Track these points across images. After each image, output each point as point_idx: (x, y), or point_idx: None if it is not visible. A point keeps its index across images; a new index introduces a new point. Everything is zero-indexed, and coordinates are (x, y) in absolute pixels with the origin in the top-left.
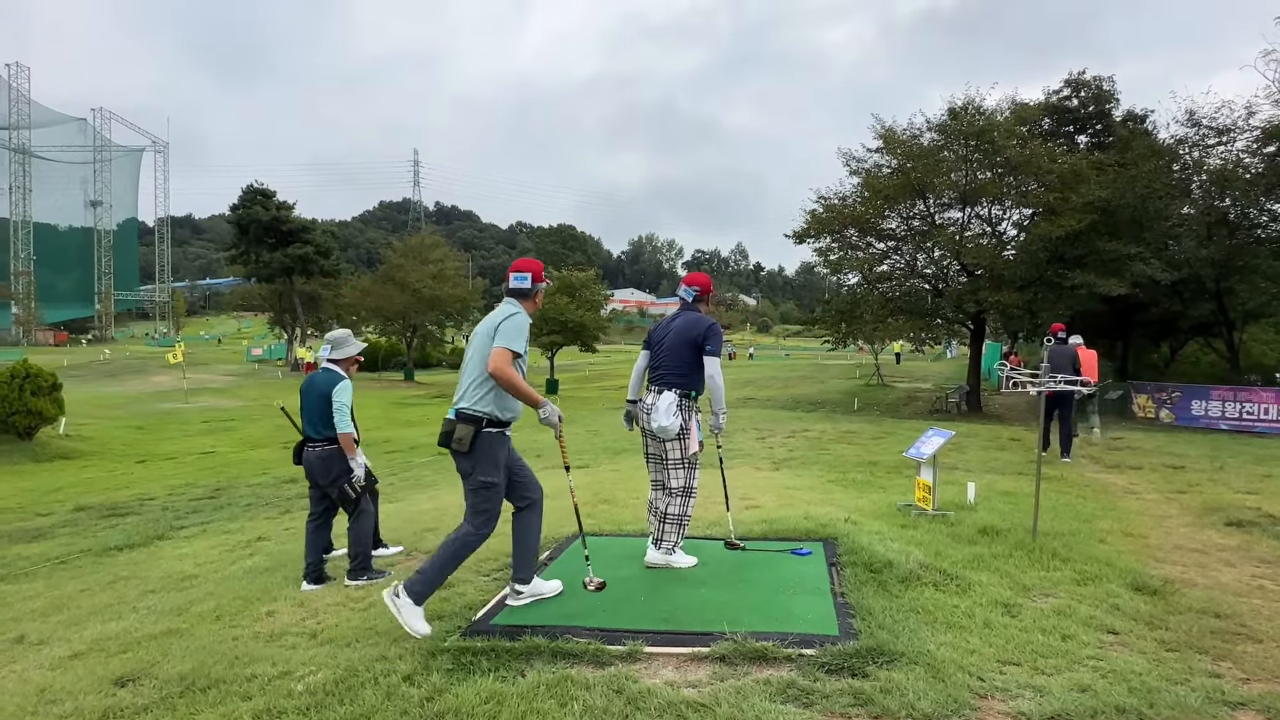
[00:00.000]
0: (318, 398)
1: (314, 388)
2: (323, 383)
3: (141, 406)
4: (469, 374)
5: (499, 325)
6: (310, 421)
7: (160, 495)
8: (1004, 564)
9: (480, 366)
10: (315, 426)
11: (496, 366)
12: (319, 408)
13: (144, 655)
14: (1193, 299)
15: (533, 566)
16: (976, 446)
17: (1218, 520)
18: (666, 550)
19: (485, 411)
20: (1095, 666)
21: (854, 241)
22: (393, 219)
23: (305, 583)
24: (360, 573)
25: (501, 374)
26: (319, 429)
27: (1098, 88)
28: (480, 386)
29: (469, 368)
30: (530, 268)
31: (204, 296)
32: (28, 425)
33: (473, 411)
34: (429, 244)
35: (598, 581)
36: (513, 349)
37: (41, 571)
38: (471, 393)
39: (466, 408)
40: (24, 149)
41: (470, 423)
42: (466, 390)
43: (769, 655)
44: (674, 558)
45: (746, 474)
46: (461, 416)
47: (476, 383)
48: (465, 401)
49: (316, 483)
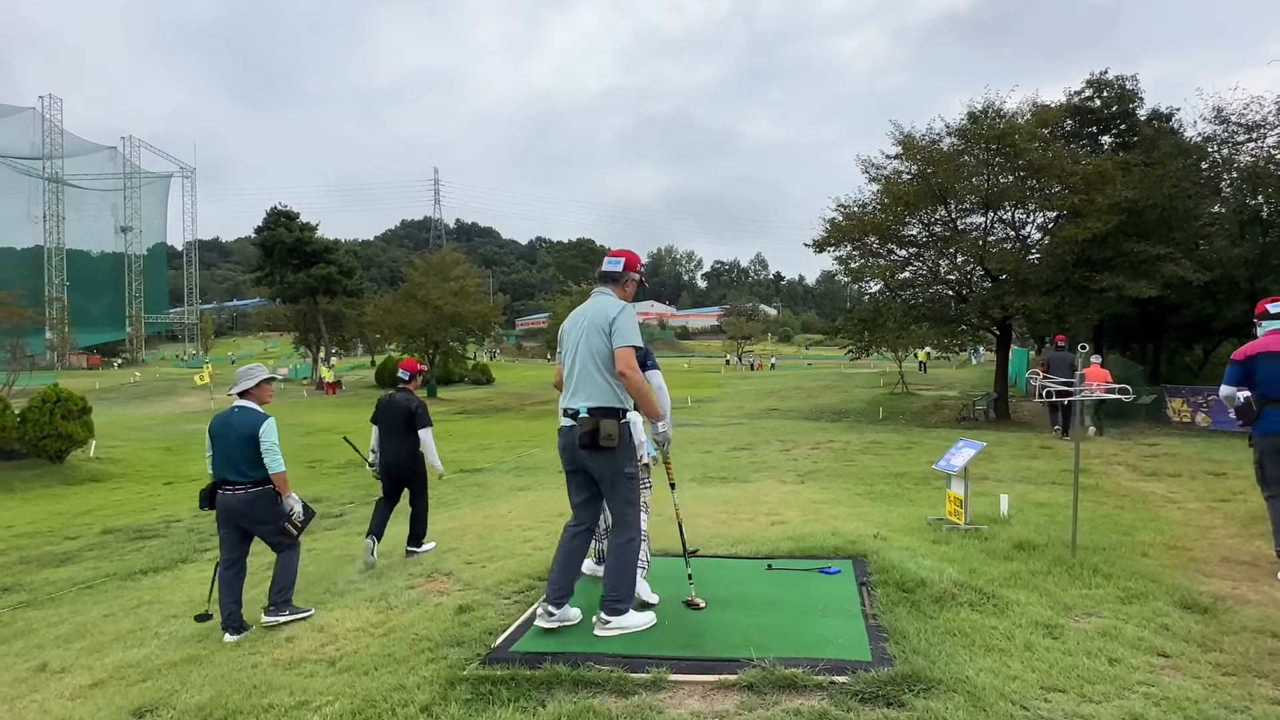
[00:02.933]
0: (238, 440)
1: (230, 428)
2: (242, 422)
3: (170, 428)
4: (581, 368)
5: (613, 321)
6: (229, 463)
7: (186, 517)
8: (1043, 581)
9: (590, 360)
10: (237, 468)
11: (629, 367)
12: (240, 449)
13: (163, 684)
14: (1226, 300)
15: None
16: (1007, 456)
17: (1265, 530)
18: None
19: (619, 404)
20: (1147, 693)
21: (875, 249)
22: (414, 237)
23: (226, 634)
24: (282, 607)
25: (633, 377)
26: (242, 471)
27: (1120, 87)
28: (596, 380)
29: (579, 361)
30: (624, 254)
31: (231, 318)
32: (59, 449)
33: (606, 405)
34: (450, 261)
35: (699, 602)
36: (637, 345)
37: (67, 596)
38: (592, 385)
39: (599, 404)
40: (57, 178)
41: (613, 415)
42: (583, 383)
43: (799, 683)
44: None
45: (772, 488)
46: (600, 412)
47: (594, 375)
48: (592, 399)
49: (238, 526)
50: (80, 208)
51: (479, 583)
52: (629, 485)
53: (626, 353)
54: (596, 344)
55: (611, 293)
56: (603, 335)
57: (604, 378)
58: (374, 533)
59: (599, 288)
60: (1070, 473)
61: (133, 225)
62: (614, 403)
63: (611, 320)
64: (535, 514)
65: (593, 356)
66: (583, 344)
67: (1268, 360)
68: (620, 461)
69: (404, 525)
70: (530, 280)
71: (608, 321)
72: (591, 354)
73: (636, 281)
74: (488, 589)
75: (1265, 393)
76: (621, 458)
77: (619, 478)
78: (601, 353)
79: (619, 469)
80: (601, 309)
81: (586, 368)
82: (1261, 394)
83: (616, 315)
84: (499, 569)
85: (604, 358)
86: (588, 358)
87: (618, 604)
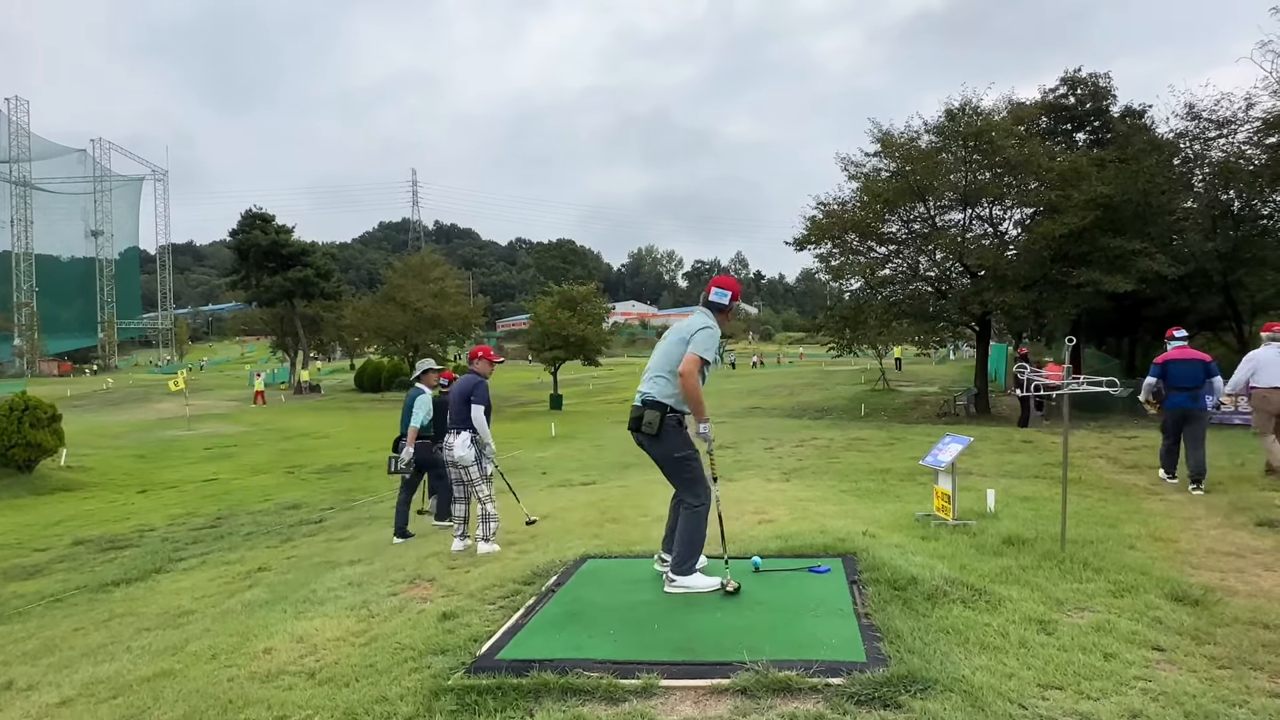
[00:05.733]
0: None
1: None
2: None
3: (144, 435)
4: (653, 366)
5: (695, 333)
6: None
7: (160, 526)
8: (1034, 576)
9: (663, 361)
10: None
11: (687, 370)
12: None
13: (135, 700)
14: (1200, 293)
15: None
16: (989, 450)
17: (1247, 520)
18: None
19: (667, 400)
20: (1144, 689)
21: (855, 246)
22: (393, 239)
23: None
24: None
25: (688, 379)
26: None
27: (1094, 84)
28: (660, 379)
29: (654, 360)
30: (731, 286)
31: (206, 323)
32: (27, 458)
33: (657, 399)
34: (429, 263)
35: (734, 584)
36: (705, 357)
37: (35, 610)
38: (653, 382)
39: (651, 395)
40: (25, 182)
41: (656, 408)
42: (650, 379)
43: (793, 686)
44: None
45: (757, 486)
46: (647, 403)
47: (659, 375)
48: (648, 388)
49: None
50: (49, 212)
51: (463, 588)
52: (680, 465)
53: (692, 358)
54: (674, 348)
55: (713, 320)
56: (682, 343)
57: (665, 377)
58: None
59: (702, 310)
60: (1052, 466)
61: (104, 229)
62: (664, 399)
63: (694, 331)
64: (518, 517)
65: (665, 357)
66: (663, 344)
67: (1176, 365)
68: (667, 447)
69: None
70: (510, 281)
71: (691, 332)
72: (666, 355)
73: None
74: (472, 594)
75: (1172, 383)
76: (668, 444)
77: (668, 461)
78: (673, 357)
79: (668, 453)
80: (692, 323)
81: (656, 364)
82: (1170, 384)
83: (698, 330)
84: (483, 574)
85: (673, 361)
86: (661, 356)
87: (680, 565)
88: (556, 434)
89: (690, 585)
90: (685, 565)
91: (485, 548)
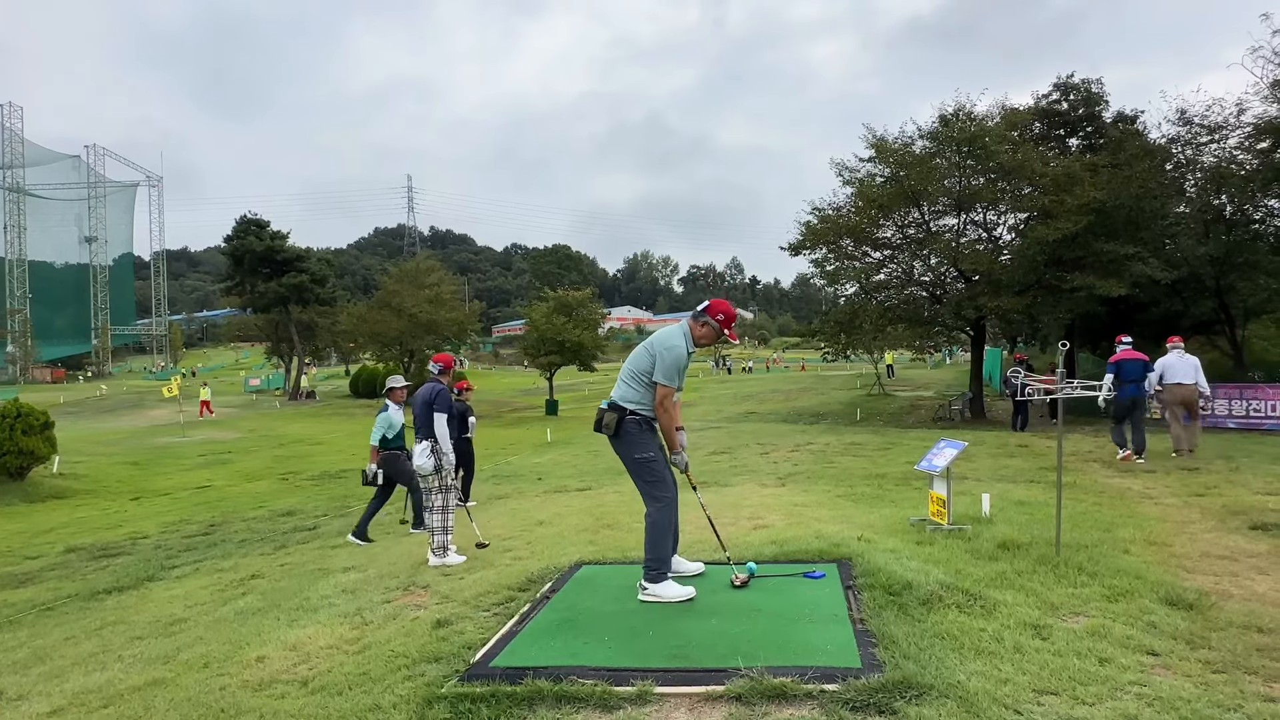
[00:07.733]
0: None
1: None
2: None
3: (137, 442)
4: (622, 372)
5: (659, 353)
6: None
7: (153, 533)
8: (1028, 581)
9: (630, 368)
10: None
11: (659, 402)
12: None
13: (126, 710)
14: (1193, 297)
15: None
16: (984, 455)
17: (1241, 524)
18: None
19: (628, 405)
20: (1139, 694)
21: (850, 251)
22: (388, 245)
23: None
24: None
25: (661, 411)
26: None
27: (1087, 90)
28: (624, 385)
29: (624, 367)
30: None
31: (201, 329)
32: (19, 465)
33: (618, 403)
34: (424, 269)
35: (743, 577)
36: (671, 386)
37: (26, 619)
38: (619, 386)
39: (614, 399)
40: (18, 188)
41: (616, 411)
42: (618, 384)
43: (788, 693)
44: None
45: (752, 491)
46: (611, 407)
47: (623, 380)
48: (615, 393)
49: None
50: (43, 218)
51: (457, 595)
52: (640, 467)
53: (662, 390)
54: (641, 358)
55: (688, 325)
56: (649, 356)
57: (628, 383)
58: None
59: (688, 319)
60: (1047, 470)
61: (98, 235)
62: (625, 404)
63: (658, 350)
64: (514, 523)
65: (634, 363)
66: (634, 352)
67: (1127, 363)
68: (627, 447)
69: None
70: (506, 287)
71: (655, 350)
72: (634, 361)
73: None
74: (466, 601)
75: (1125, 377)
76: (628, 444)
77: (629, 461)
78: (639, 366)
79: (628, 453)
80: (663, 337)
81: (624, 370)
82: (1123, 378)
83: (663, 349)
84: (477, 580)
85: (639, 368)
86: (629, 363)
87: (650, 570)
88: (552, 439)
89: (660, 594)
90: (654, 572)
91: (435, 561)
